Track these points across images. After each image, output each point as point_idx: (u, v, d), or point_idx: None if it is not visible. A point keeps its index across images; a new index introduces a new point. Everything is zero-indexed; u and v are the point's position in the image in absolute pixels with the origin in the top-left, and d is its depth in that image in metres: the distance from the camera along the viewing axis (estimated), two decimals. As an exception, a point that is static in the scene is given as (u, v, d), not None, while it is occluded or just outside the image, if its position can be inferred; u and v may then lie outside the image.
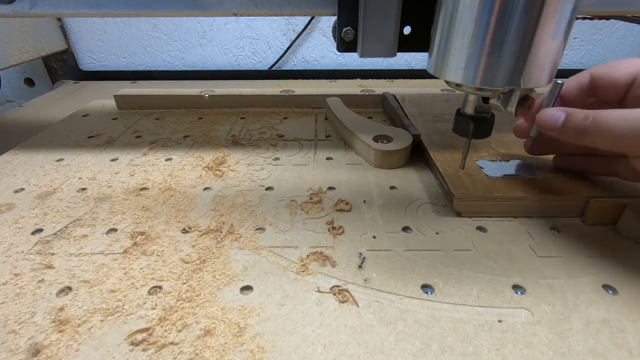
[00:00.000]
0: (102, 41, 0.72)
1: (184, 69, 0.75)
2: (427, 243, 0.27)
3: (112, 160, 0.39)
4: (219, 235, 0.28)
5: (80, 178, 0.35)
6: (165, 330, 0.21)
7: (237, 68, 0.75)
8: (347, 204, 0.31)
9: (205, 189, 0.34)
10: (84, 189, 0.34)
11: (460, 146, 0.36)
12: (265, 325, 0.21)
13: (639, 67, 0.26)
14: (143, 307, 0.22)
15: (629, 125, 0.23)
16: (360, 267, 0.25)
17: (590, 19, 0.36)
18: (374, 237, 0.28)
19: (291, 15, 0.68)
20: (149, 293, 0.23)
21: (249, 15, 0.31)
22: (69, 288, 0.23)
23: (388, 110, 0.48)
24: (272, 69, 0.74)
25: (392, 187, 0.34)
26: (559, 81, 0.26)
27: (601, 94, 0.28)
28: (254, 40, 0.72)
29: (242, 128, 0.46)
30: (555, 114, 0.26)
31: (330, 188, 0.34)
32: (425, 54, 0.26)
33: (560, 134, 0.26)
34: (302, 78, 0.71)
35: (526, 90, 0.24)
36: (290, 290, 0.23)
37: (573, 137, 0.26)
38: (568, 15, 0.20)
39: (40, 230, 0.28)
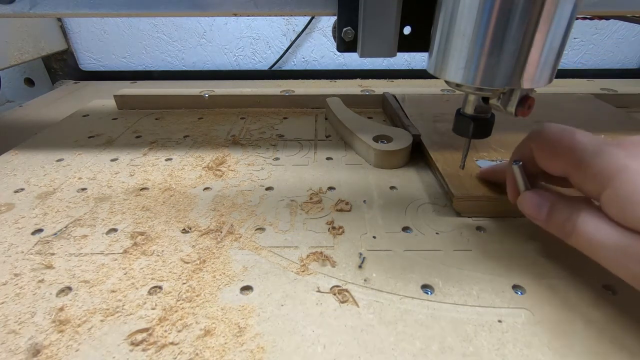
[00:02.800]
0: (102, 41, 0.72)
1: (184, 69, 0.75)
2: (427, 243, 0.27)
3: (112, 160, 0.39)
4: (219, 235, 0.28)
5: (80, 178, 0.35)
6: (165, 331, 0.21)
7: (237, 68, 0.75)
8: (347, 204, 0.31)
9: (205, 189, 0.34)
10: (84, 189, 0.34)
11: (460, 146, 0.36)
12: (265, 325, 0.21)
13: (566, 164, 0.22)
14: (143, 307, 0.22)
15: (611, 248, 0.19)
16: (360, 267, 0.25)
17: (590, 19, 0.36)
18: (374, 237, 0.28)
19: (291, 15, 0.68)
20: (149, 293, 0.23)
21: (249, 15, 0.31)
22: (69, 288, 0.23)
23: (388, 110, 0.48)
24: (272, 69, 0.74)
25: (392, 187, 0.34)
26: (515, 163, 0.24)
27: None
28: (254, 40, 0.72)
29: (242, 128, 0.46)
30: (538, 203, 0.23)
31: (330, 188, 0.34)
32: (425, 54, 0.26)
33: (546, 228, 0.23)
34: (302, 78, 0.71)
35: (526, 91, 0.24)
36: (290, 290, 0.23)
37: (558, 235, 0.22)
38: (568, 15, 0.20)
39: (40, 230, 0.28)
